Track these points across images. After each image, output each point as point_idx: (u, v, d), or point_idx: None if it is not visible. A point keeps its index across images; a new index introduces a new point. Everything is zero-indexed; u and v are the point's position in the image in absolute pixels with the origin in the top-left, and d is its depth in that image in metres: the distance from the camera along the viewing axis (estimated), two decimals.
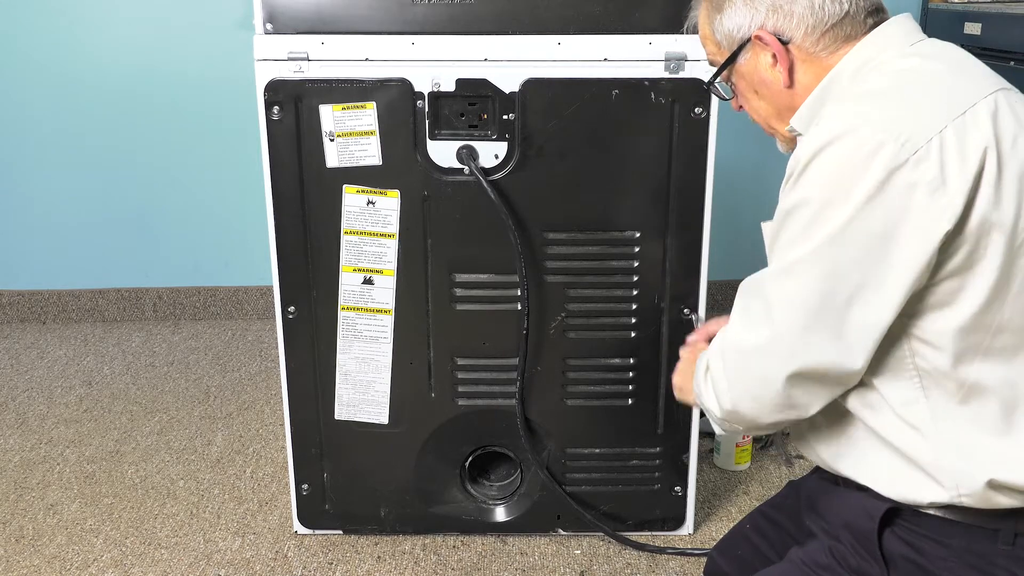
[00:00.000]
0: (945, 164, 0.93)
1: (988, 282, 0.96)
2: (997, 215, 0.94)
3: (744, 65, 1.12)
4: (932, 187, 0.92)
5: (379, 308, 1.69)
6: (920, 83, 1.00)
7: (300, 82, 1.56)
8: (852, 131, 0.95)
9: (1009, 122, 0.97)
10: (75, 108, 2.81)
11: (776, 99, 1.12)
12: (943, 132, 0.93)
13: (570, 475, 1.79)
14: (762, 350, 1.01)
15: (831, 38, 1.07)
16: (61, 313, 3.01)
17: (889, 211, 0.93)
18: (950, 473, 1.00)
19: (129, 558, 1.82)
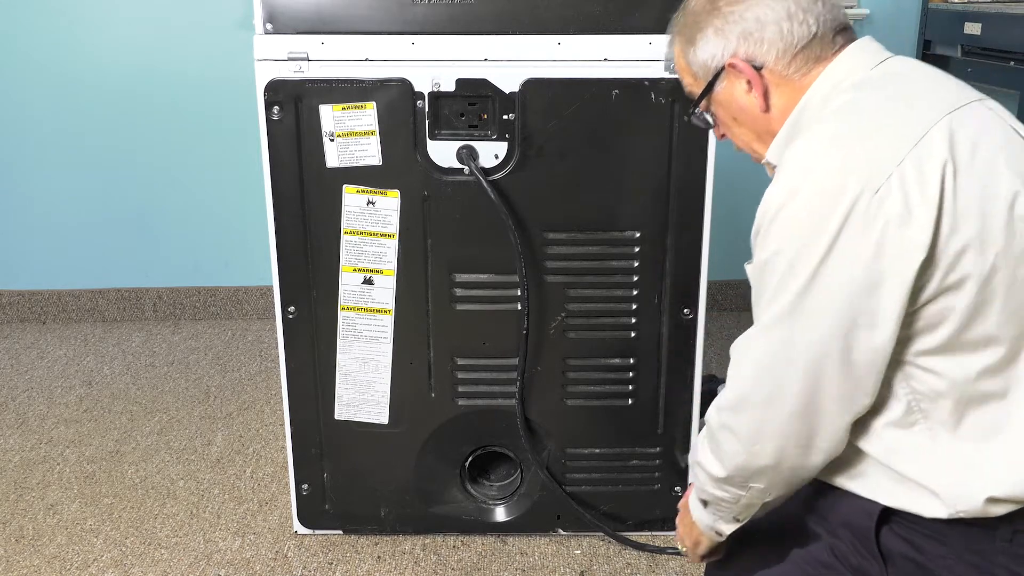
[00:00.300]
0: (908, 196, 0.95)
1: (968, 300, 0.97)
2: (965, 237, 0.95)
3: (721, 93, 1.15)
4: (900, 221, 0.94)
5: (379, 308, 1.69)
6: (878, 115, 1.02)
7: (300, 82, 1.56)
8: (814, 177, 0.98)
9: (966, 140, 0.98)
10: (75, 108, 2.81)
11: (755, 124, 1.14)
12: (901, 165, 0.95)
13: (570, 475, 1.79)
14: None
15: (802, 60, 1.09)
16: (61, 313, 3.01)
17: (862, 251, 0.95)
18: (948, 493, 1.01)
19: (129, 558, 1.82)
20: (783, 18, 1.08)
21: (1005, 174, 0.98)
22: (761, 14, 1.08)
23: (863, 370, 1.00)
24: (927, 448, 1.02)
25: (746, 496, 1.14)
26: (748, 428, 1.07)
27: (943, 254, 0.95)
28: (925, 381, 1.01)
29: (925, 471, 1.02)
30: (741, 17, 1.09)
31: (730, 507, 1.18)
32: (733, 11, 1.09)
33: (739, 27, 1.09)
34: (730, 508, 1.18)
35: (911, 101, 1.02)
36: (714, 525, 1.22)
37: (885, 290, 0.96)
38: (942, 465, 1.01)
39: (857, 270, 0.96)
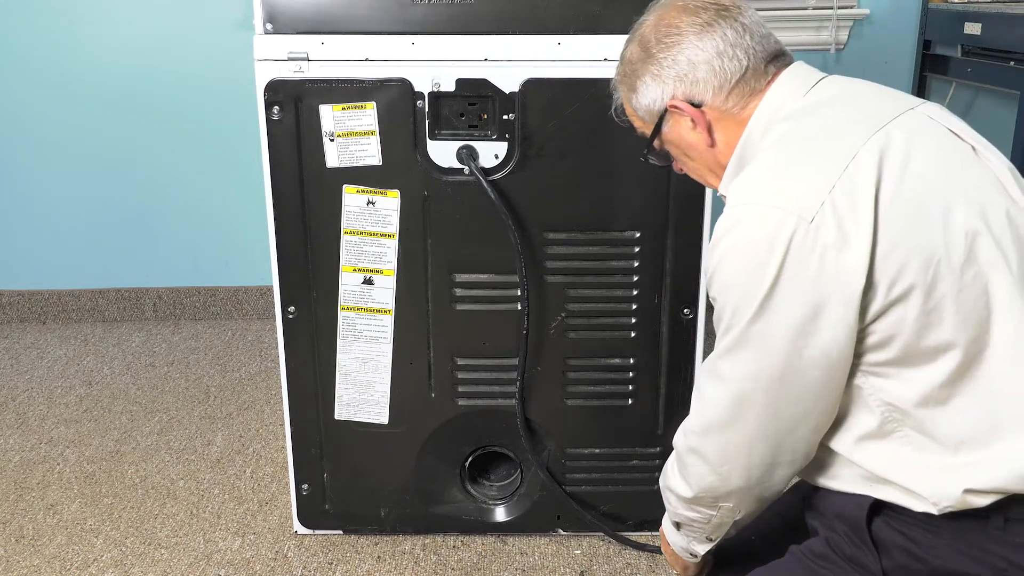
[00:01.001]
0: (842, 222, 0.98)
1: (916, 311, 0.99)
2: (903, 252, 0.98)
3: (669, 133, 1.20)
4: (837, 247, 0.98)
5: (379, 308, 1.69)
6: (809, 144, 1.05)
7: (300, 82, 1.56)
8: (753, 214, 1.02)
9: (897, 155, 1.01)
10: (75, 108, 2.81)
11: (704, 158, 1.19)
12: (832, 192, 0.99)
13: (570, 475, 1.79)
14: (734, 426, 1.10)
15: (739, 94, 1.13)
16: (61, 313, 3.01)
17: (804, 279, 0.99)
18: (931, 493, 1.03)
19: (129, 558, 1.82)
20: (713, 57, 1.13)
21: (938, 184, 1.01)
22: (692, 55, 1.13)
23: (817, 391, 1.04)
24: (905, 455, 1.05)
25: (716, 516, 1.19)
26: (714, 450, 1.12)
27: (883, 272, 0.98)
28: (894, 392, 1.04)
29: (905, 475, 1.05)
30: (674, 61, 1.14)
31: (702, 527, 1.23)
32: (666, 56, 1.15)
33: (673, 70, 1.14)
34: (702, 528, 1.23)
35: (841, 125, 1.06)
36: (688, 547, 1.28)
37: (831, 314, 1.00)
38: (921, 469, 1.04)
39: (802, 297, 1.00)
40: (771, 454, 1.10)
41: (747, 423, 1.08)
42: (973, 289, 0.99)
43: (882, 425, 1.06)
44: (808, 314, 1.00)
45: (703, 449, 1.13)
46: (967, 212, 1.00)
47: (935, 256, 0.98)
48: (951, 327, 0.99)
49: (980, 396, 1.01)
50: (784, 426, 1.07)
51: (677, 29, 1.14)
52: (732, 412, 1.08)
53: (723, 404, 1.09)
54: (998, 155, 1.09)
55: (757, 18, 1.16)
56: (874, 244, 0.97)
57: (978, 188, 1.02)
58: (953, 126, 1.09)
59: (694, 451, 1.15)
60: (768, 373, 1.04)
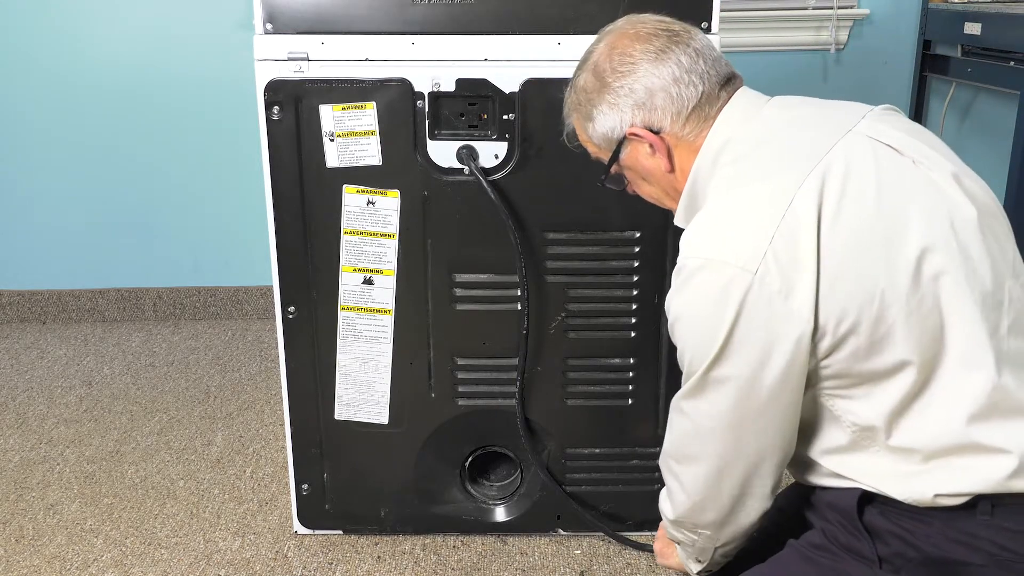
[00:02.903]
0: (784, 271, 1.00)
1: (866, 339, 1.02)
2: (847, 288, 1.00)
3: (627, 159, 1.21)
4: (783, 295, 1.00)
5: (379, 308, 1.69)
6: (749, 191, 1.07)
7: (300, 82, 1.56)
8: (701, 269, 1.04)
9: (834, 192, 1.02)
10: (75, 108, 2.81)
11: (662, 183, 1.21)
12: (772, 242, 1.01)
13: (570, 475, 1.79)
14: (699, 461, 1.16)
15: (695, 121, 1.15)
16: (61, 313, 3.01)
17: (755, 329, 1.02)
18: (902, 495, 1.06)
19: (129, 558, 1.82)
20: (670, 84, 1.14)
21: (878, 214, 1.02)
22: (649, 83, 1.14)
23: (777, 427, 1.08)
24: (877, 463, 1.08)
25: (699, 540, 1.24)
26: (688, 480, 1.17)
27: (829, 312, 1.01)
28: (860, 412, 1.07)
29: (878, 482, 1.08)
30: (631, 89, 1.15)
31: (689, 549, 1.28)
32: (622, 85, 1.16)
33: (631, 99, 1.16)
34: (689, 550, 1.28)
35: (779, 166, 1.07)
36: (685, 562, 1.32)
37: (781, 358, 1.03)
38: (892, 477, 1.07)
39: (755, 344, 1.03)
40: (739, 487, 1.14)
41: (712, 458, 1.13)
42: (923, 307, 1.01)
43: (854, 442, 1.09)
44: (761, 359, 1.03)
45: (680, 476, 1.19)
46: (909, 236, 1.01)
47: (878, 287, 1.00)
48: (904, 347, 1.02)
49: (941, 404, 1.03)
50: (749, 460, 1.11)
51: (631, 57, 1.15)
52: (697, 446, 1.14)
53: (688, 438, 1.15)
54: (943, 159, 1.09)
55: (707, 42, 1.18)
56: (817, 287, 1.00)
57: (919, 207, 1.03)
58: (892, 141, 1.08)
59: (674, 476, 1.21)
60: (727, 414, 1.08)
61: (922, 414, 1.04)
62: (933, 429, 1.04)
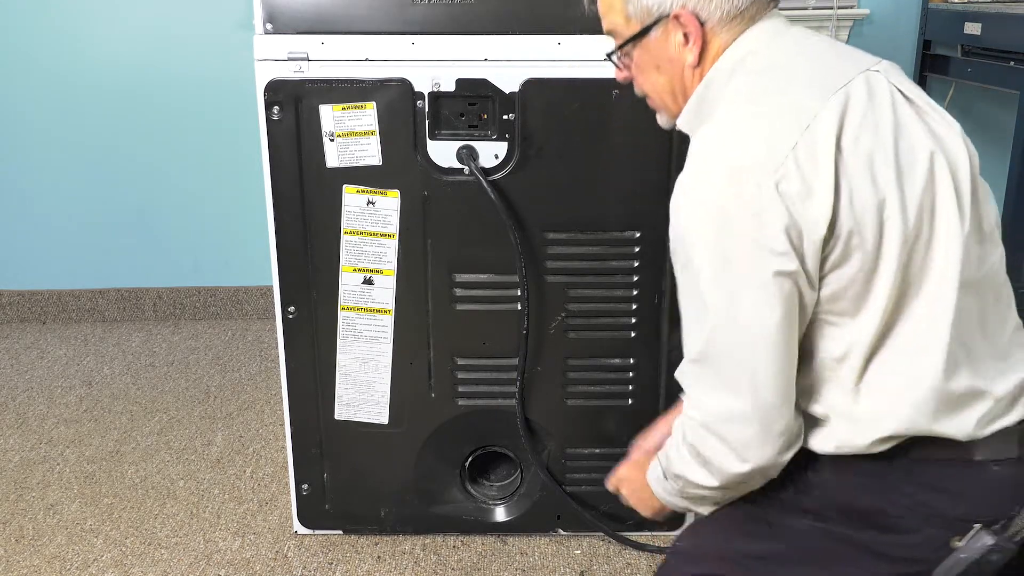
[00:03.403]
0: (805, 176, 0.99)
1: (862, 266, 1.01)
2: (860, 209, 1.00)
3: (654, 41, 1.13)
4: (802, 196, 0.99)
5: (379, 308, 1.69)
6: (773, 100, 1.04)
7: (300, 82, 1.56)
8: (719, 170, 1.01)
9: (854, 119, 1.02)
10: (75, 108, 2.81)
11: (675, 79, 1.14)
12: (795, 149, 0.99)
13: (570, 475, 1.79)
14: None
15: (738, 23, 1.10)
16: (61, 313, 3.01)
17: (773, 229, 0.99)
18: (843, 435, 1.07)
19: (129, 558, 1.82)
20: None
21: (895, 148, 1.02)
22: None
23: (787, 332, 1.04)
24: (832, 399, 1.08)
25: (730, 493, 1.16)
26: (738, 437, 1.08)
27: (843, 222, 1.00)
28: (831, 346, 1.06)
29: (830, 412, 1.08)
30: None
31: (703, 501, 1.19)
32: None
33: None
34: (703, 502, 1.20)
35: (805, 82, 1.05)
36: (671, 502, 1.24)
37: (798, 256, 1.00)
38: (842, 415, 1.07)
39: (771, 246, 0.99)
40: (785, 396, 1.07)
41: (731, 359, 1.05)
42: (919, 242, 1.02)
43: (820, 373, 1.08)
44: (776, 262, 1.00)
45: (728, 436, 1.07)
46: (916, 175, 1.02)
47: (886, 211, 1.00)
48: (883, 287, 1.02)
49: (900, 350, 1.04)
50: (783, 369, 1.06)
51: None
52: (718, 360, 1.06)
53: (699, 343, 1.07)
54: (948, 120, 1.11)
55: None
56: (836, 203, 0.99)
57: (926, 152, 1.04)
58: (906, 89, 1.10)
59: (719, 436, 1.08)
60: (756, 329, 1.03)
61: (883, 355, 1.05)
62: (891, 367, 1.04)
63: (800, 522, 1.12)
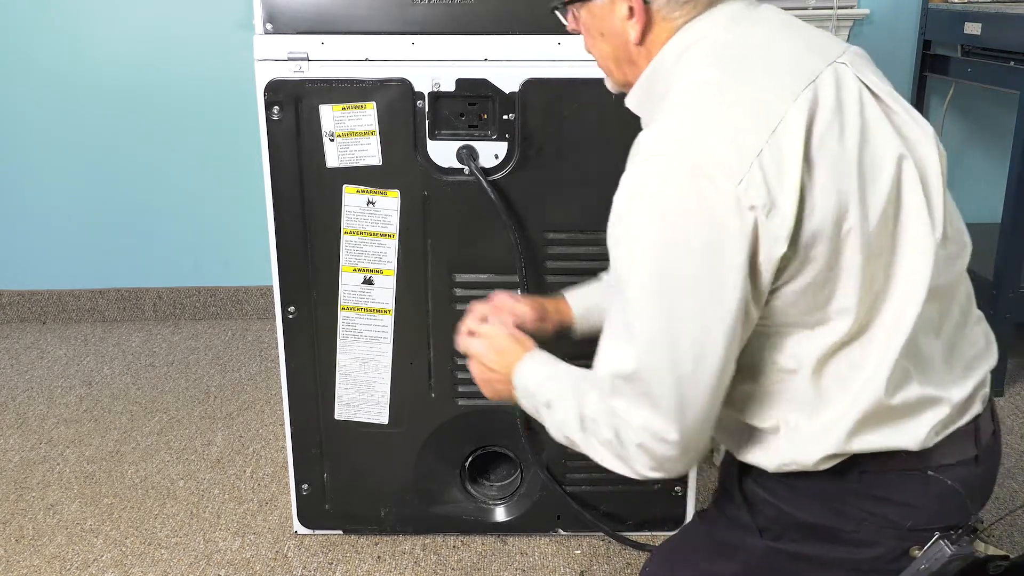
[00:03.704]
0: (770, 188, 0.93)
1: (815, 278, 0.98)
2: (820, 222, 0.96)
3: (599, 6, 1.10)
4: (766, 209, 0.93)
5: (379, 308, 1.69)
6: (738, 96, 0.98)
7: (300, 82, 1.56)
8: (677, 168, 0.94)
9: (823, 117, 0.97)
10: (75, 108, 2.81)
11: (619, 50, 1.10)
12: (760, 156, 0.93)
13: (570, 475, 1.79)
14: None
15: (692, 7, 1.05)
16: (61, 313, 3.01)
17: (726, 237, 0.94)
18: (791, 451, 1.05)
19: (129, 558, 1.82)
20: None
21: (859, 152, 0.97)
22: None
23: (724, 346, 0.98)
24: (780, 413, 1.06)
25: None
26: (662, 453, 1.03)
27: (804, 237, 0.95)
28: (780, 358, 1.04)
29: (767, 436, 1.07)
30: None
31: (560, 435, 1.18)
32: None
33: None
34: (559, 435, 1.18)
35: (767, 76, 0.99)
36: (530, 411, 1.21)
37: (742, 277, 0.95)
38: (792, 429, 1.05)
39: (722, 256, 0.94)
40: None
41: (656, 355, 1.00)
42: (882, 254, 0.99)
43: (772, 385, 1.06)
44: (724, 275, 0.95)
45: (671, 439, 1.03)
46: (881, 180, 0.98)
47: (848, 219, 0.96)
48: (843, 296, 0.99)
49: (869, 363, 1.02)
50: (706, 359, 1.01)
51: None
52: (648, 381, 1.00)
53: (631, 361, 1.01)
54: (918, 119, 1.07)
55: None
56: (800, 214, 0.94)
57: (893, 155, 1.00)
58: (872, 84, 1.05)
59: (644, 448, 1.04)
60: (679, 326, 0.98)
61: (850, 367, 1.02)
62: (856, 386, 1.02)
63: (758, 542, 1.12)
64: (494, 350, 1.24)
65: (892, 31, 2.84)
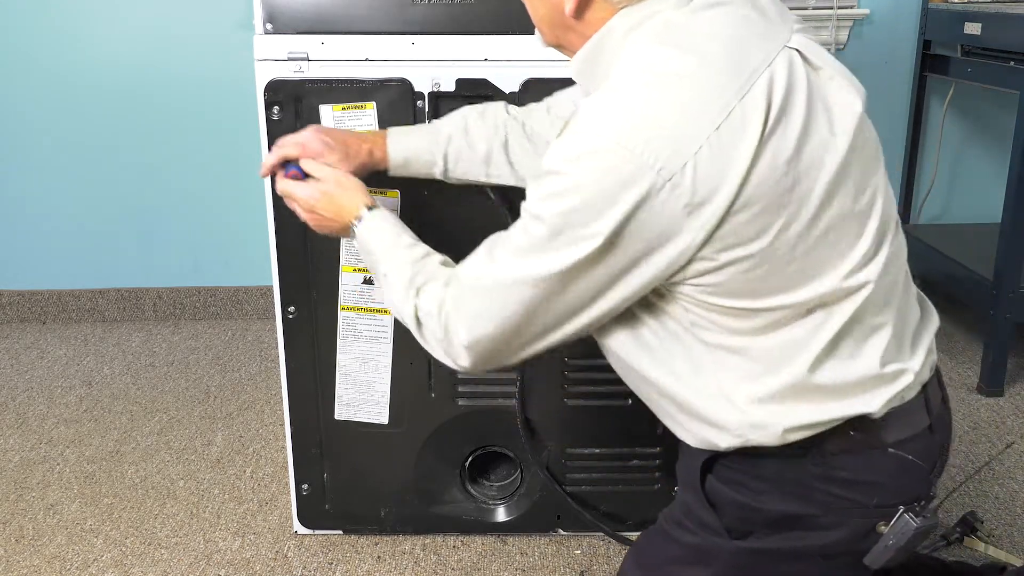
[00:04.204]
0: (697, 188, 0.92)
1: (748, 270, 0.98)
2: (752, 211, 0.95)
3: None
4: (688, 209, 0.93)
5: (379, 308, 1.69)
6: (684, 85, 0.95)
7: (300, 82, 1.56)
8: (613, 152, 0.93)
9: (774, 113, 0.95)
10: (74, 108, 2.81)
11: (555, 16, 1.08)
12: (698, 154, 0.92)
13: (570, 475, 1.80)
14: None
15: None
16: (61, 313, 3.01)
17: (641, 232, 0.94)
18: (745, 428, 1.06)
19: (129, 558, 1.82)
20: None
21: (800, 146, 0.96)
22: None
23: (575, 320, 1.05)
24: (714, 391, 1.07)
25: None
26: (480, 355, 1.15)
27: (726, 235, 0.95)
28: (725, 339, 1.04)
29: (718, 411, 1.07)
30: None
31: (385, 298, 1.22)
32: None
33: None
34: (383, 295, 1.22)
35: (719, 62, 0.96)
36: (365, 263, 1.26)
37: (650, 267, 0.97)
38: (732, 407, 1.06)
39: (631, 247, 0.96)
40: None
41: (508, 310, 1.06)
42: (817, 245, 0.99)
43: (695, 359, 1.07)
44: (628, 263, 0.97)
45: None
46: (821, 177, 0.97)
47: (784, 217, 0.96)
48: (778, 277, 0.99)
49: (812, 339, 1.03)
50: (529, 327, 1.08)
51: None
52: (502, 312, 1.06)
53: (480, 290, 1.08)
54: (857, 89, 1.07)
55: None
56: (728, 211, 0.93)
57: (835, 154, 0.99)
58: (818, 59, 1.04)
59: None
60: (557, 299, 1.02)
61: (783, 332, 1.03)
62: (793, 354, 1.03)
63: (727, 544, 1.12)
64: (326, 198, 1.29)
65: (892, 31, 2.84)
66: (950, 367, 2.58)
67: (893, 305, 1.07)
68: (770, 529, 1.10)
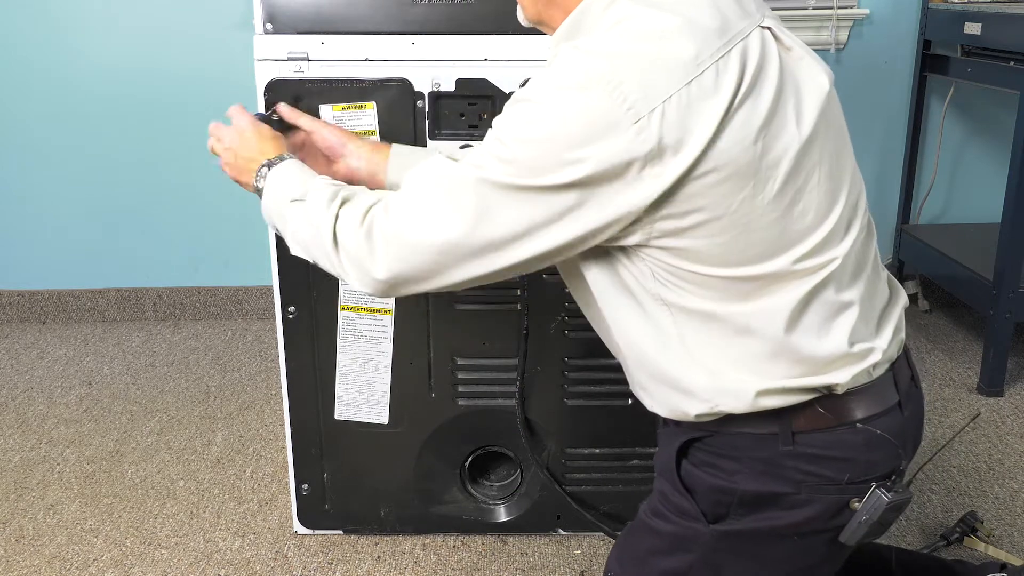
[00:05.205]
0: (663, 136, 0.93)
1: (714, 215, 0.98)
2: (719, 174, 0.95)
3: None
4: (648, 159, 0.93)
5: (379, 308, 1.69)
6: (663, 36, 0.96)
7: (300, 82, 1.56)
8: (583, 88, 0.94)
9: (748, 79, 0.96)
10: (74, 108, 2.81)
11: None
12: (667, 102, 0.93)
13: (570, 475, 1.80)
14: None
15: None
16: (61, 313, 3.01)
17: (598, 171, 0.95)
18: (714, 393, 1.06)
19: (129, 558, 1.82)
20: None
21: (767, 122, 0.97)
22: None
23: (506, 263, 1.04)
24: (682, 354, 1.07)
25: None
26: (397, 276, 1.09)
27: (686, 198, 0.96)
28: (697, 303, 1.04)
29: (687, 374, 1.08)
30: None
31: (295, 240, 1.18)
32: None
33: None
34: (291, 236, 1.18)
35: (697, 22, 0.98)
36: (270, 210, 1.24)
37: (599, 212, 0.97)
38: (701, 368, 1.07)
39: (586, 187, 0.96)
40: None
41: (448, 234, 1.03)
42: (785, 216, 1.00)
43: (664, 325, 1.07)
44: (575, 202, 0.97)
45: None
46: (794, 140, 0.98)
47: (751, 184, 0.97)
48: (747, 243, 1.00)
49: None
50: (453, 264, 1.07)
51: None
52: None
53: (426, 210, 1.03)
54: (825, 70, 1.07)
55: None
56: (689, 169, 0.94)
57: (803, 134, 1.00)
58: (789, 42, 1.06)
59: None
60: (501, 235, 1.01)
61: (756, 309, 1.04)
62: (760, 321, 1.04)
63: (705, 528, 1.13)
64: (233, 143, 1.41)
65: (892, 31, 2.84)
66: (950, 367, 2.58)
67: (861, 283, 1.08)
68: (745, 510, 1.11)
